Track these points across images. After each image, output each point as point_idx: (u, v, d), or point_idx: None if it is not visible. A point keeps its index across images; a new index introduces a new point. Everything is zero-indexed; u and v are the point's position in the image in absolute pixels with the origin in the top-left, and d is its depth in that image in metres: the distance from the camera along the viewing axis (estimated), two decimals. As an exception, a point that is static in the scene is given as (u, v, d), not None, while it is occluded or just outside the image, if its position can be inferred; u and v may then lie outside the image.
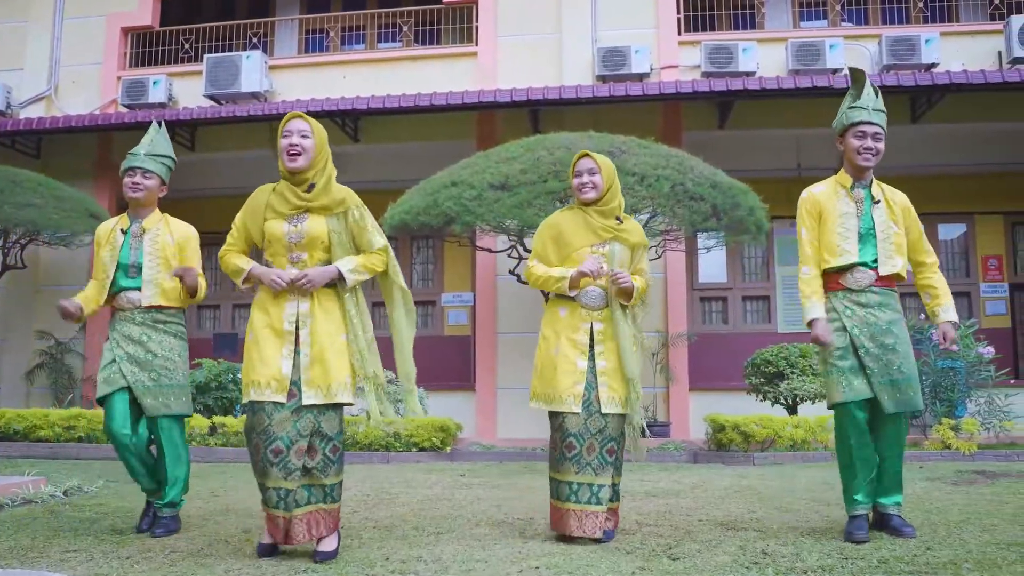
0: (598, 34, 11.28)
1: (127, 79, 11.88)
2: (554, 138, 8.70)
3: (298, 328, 3.63)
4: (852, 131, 4.08)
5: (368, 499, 5.54)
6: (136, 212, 4.47)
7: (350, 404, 3.68)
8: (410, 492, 5.91)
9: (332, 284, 3.71)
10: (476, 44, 11.73)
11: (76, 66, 12.38)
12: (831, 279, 4.11)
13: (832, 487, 5.92)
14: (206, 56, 11.67)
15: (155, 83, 11.74)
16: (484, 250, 10.03)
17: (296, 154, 3.64)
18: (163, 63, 12.54)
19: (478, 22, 11.74)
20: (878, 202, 4.07)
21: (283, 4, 13.80)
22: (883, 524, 4.02)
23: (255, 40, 12.82)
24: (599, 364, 4.01)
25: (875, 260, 4.02)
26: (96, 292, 4.43)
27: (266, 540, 3.65)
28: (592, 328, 4.05)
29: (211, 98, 11.59)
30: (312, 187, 3.69)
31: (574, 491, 3.92)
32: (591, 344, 4.04)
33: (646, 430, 4.15)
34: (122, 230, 4.42)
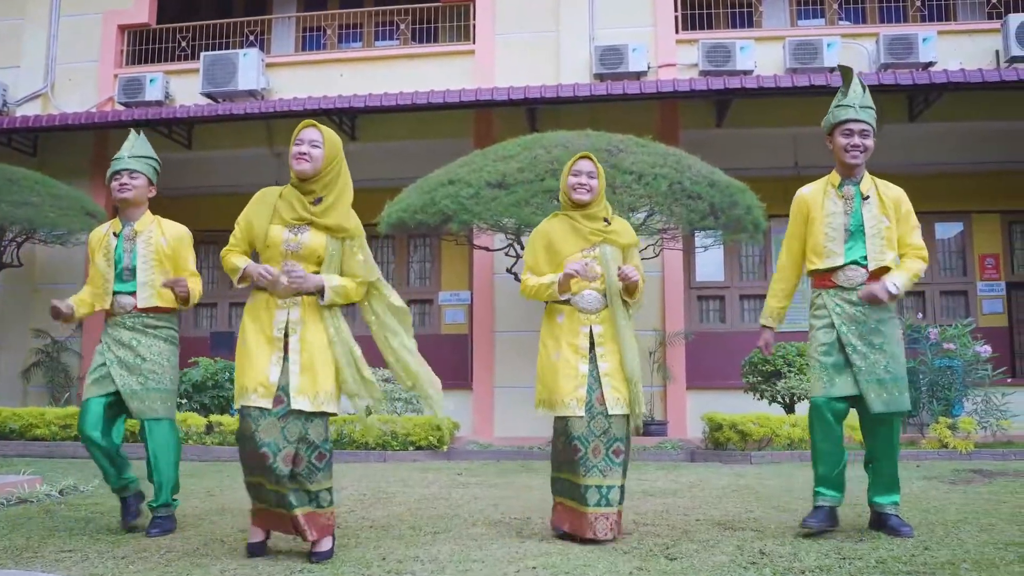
0: (595, 32, 11.27)
1: (124, 77, 11.86)
2: (551, 136, 8.70)
3: (287, 335, 3.63)
4: (839, 129, 4.09)
5: (365, 498, 5.53)
6: (127, 215, 4.46)
7: (334, 415, 3.68)
8: (407, 491, 5.91)
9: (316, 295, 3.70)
10: (473, 42, 11.71)
11: (73, 64, 12.35)
12: (824, 276, 4.11)
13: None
14: (203, 54, 11.64)
15: (152, 81, 11.72)
16: (481, 248, 10.02)
17: (304, 161, 3.64)
18: (160, 61, 12.51)
19: (475, 20, 11.72)
20: (867, 198, 4.05)
21: (280, 2, 13.78)
22: (881, 524, 4.02)
23: (252, 38, 12.79)
24: (601, 366, 4.01)
25: (865, 257, 4.01)
26: (90, 297, 4.45)
27: (255, 538, 3.64)
28: (592, 331, 4.05)
29: (208, 96, 11.55)
30: (319, 201, 3.68)
31: (582, 495, 3.90)
32: (592, 347, 4.04)
33: (640, 428, 4.13)
34: (114, 234, 4.42)
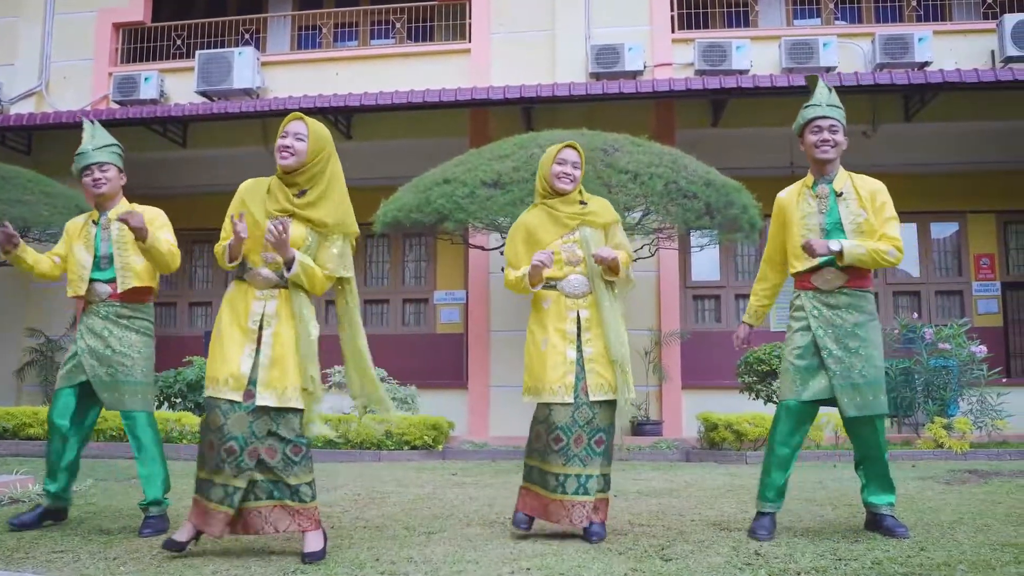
0: (592, 31, 11.26)
1: (118, 75, 11.82)
2: (547, 135, 8.69)
3: (262, 328, 3.60)
4: (808, 128, 4.12)
5: (359, 498, 5.51)
6: (103, 206, 4.48)
7: (301, 409, 3.61)
8: (401, 491, 5.89)
9: (294, 287, 3.65)
10: (469, 41, 11.70)
11: (67, 62, 12.32)
12: (803, 278, 4.11)
13: (825, 487, 5.92)
14: (198, 52, 11.61)
15: (146, 79, 11.69)
16: (477, 248, 10.00)
17: (288, 155, 3.63)
18: (155, 59, 12.47)
19: (471, 19, 11.70)
20: (841, 194, 4.04)
21: (275, 0, 13.74)
22: (876, 525, 4.01)
23: (247, 36, 12.76)
24: (586, 351, 3.99)
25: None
26: (49, 266, 4.46)
27: (180, 536, 3.56)
28: (579, 316, 4.03)
29: (203, 94, 11.52)
30: (303, 193, 3.66)
31: (561, 482, 3.90)
32: (579, 333, 4.02)
33: (631, 413, 4.07)
34: (93, 222, 4.46)
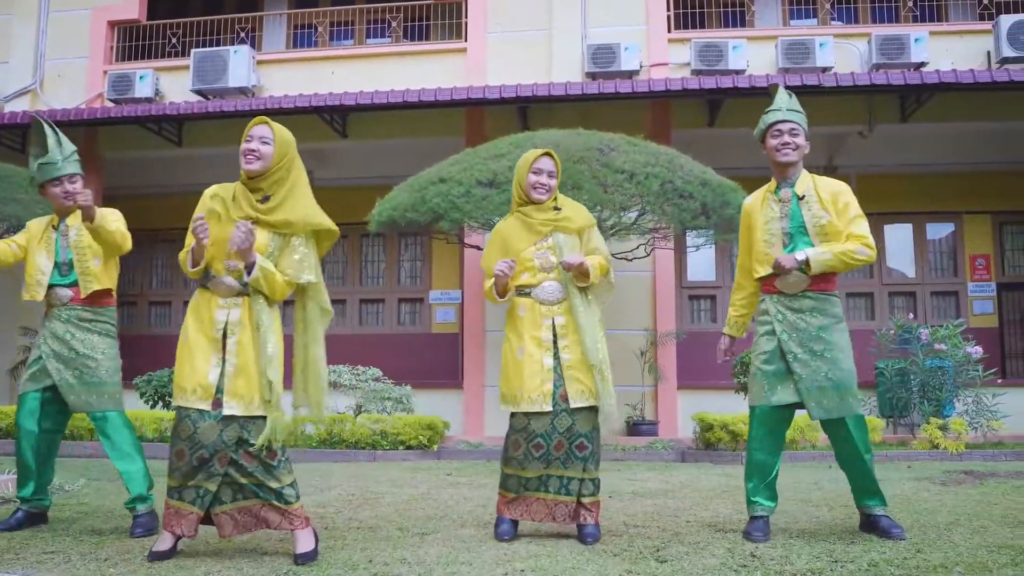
0: (588, 31, 11.24)
1: (113, 73, 11.78)
2: (543, 135, 8.68)
3: (226, 336, 3.57)
4: (769, 132, 4.10)
5: (353, 499, 5.49)
6: (64, 213, 4.47)
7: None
8: (396, 492, 5.86)
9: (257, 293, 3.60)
10: (465, 40, 11.67)
11: (62, 60, 12.27)
12: (767, 282, 4.08)
13: (820, 488, 5.91)
14: (193, 51, 11.56)
15: (142, 77, 11.64)
16: (472, 247, 9.97)
17: (254, 159, 3.58)
18: (150, 57, 12.44)
19: (467, 18, 11.68)
20: (803, 197, 4.02)
21: (271, -1, 13.72)
22: (871, 526, 3.99)
23: (243, 35, 12.72)
24: (563, 358, 3.96)
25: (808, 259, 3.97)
26: (2, 250, 4.40)
27: (162, 546, 3.52)
28: (554, 323, 4.01)
29: (198, 93, 11.48)
30: (267, 199, 3.61)
31: (543, 482, 3.93)
32: (555, 340, 4.00)
33: (614, 417, 4.03)
34: (53, 227, 4.46)
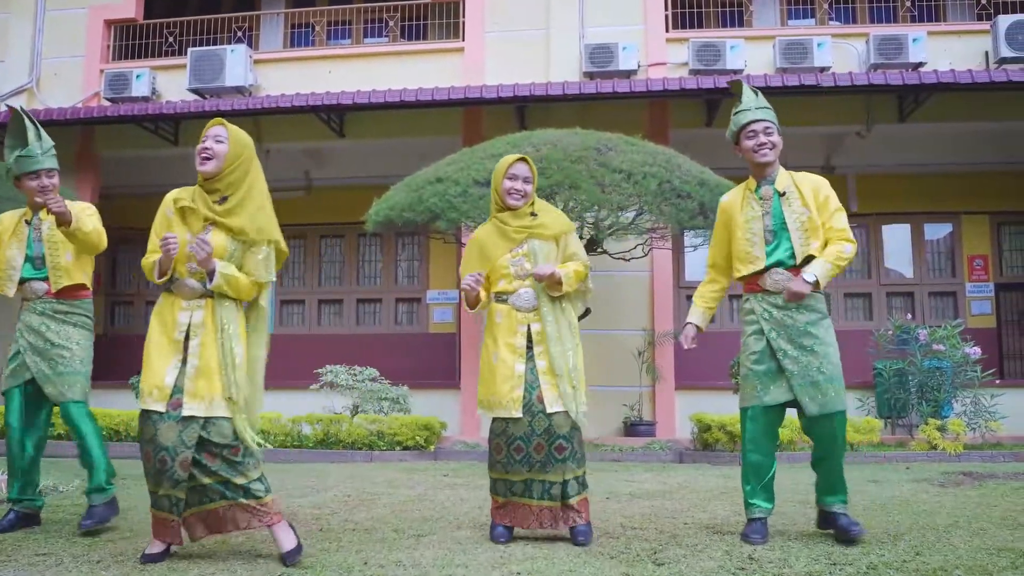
0: (585, 31, 11.21)
1: (110, 72, 11.73)
2: (541, 135, 8.65)
3: (189, 338, 3.55)
4: (743, 134, 4.12)
5: (349, 500, 5.46)
6: (37, 207, 4.50)
7: (229, 418, 3.53)
8: (392, 493, 5.83)
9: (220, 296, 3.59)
10: (463, 40, 11.63)
11: (58, 59, 12.21)
12: (751, 280, 4.07)
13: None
14: (190, 50, 11.50)
15: (138, 76, 11.60)
16: (470, 247, 9.93)
17: (207, 158, 3.57)
18: (146, 56, 12.38)
19: (465, 17, 11.64)
20: (784, 194, 4.02)
21: (268, -2, 13.69)
22: (829, 523, 3.97)
23: (240, 34, 12.68)
24: (539, 364, 3.97)
25: (792, 256, 3.95)
26: None
27: (154, 549, 3.51)
28: (529, 329, 4.01)
29: (195, 92, 11.43)
30: (224, 200, 3.59)
31: (528, 486, 3.93)
32: (530, 346, 3.99)
33: (581, 426, 4.01)
34: (26, 221, 4.50)
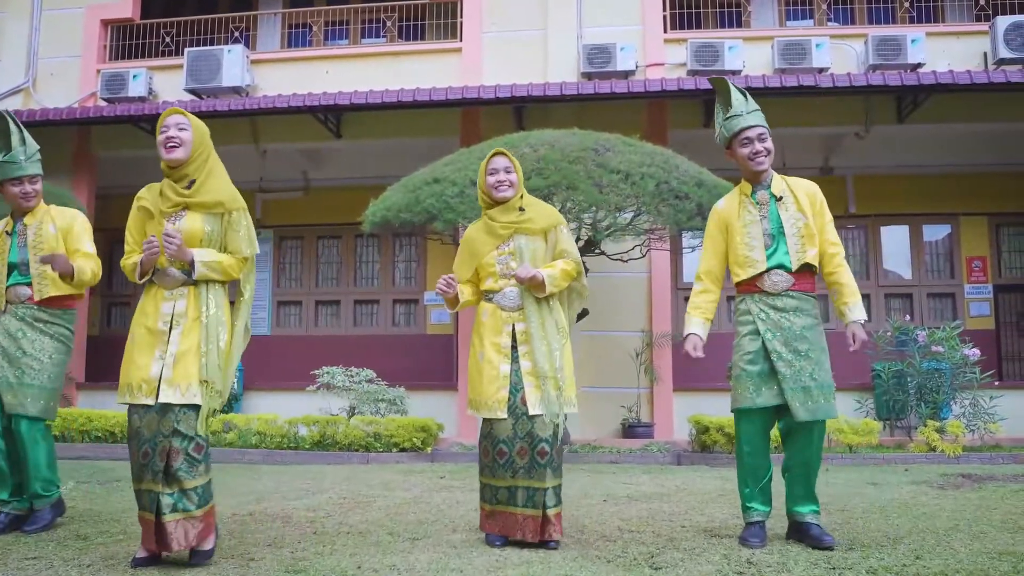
0: (583, 31, 11.18)
1: (107, 72, 11.70)
2: (538, 135, 8.62)
3: (171, 328, 3.54)
4: (737, 140, 4.05)
5: (344, 502, 5.42)
6: (22, 213, 4.47)
7: (199, 407, 3.52)
8: (387, 495, 5.80)
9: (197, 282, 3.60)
10: (460, 40, 11.60)
11: (55, 58, 12.18)
12: (749, 282, 4.05)
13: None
14: (187, 50, 11.46)
15: (135, 76, 11.57)
16: (467, 248, 9.90)
17: (175, 146, 3.59)
18: (143, 56, 12.35)
19: (462, 18, 11.61)
20: (781, 199, 4.00)
21: (266, -2, 13.64)
22: (801, 533, 3.93)
23: (237, 34, 12.66)
24: (523, 365, 3.93)
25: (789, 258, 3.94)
26: None
27: (143, 553, 3.49)
28: (514, 329, 3.98)
29: (192, 92, 11.39)
30: (192, 183, 3.63)
31: (512, 493, 3.88)
32: (514, 346, 3.96)
33: (564, 433, 3.99)
34: (7, 232, 4.45)
